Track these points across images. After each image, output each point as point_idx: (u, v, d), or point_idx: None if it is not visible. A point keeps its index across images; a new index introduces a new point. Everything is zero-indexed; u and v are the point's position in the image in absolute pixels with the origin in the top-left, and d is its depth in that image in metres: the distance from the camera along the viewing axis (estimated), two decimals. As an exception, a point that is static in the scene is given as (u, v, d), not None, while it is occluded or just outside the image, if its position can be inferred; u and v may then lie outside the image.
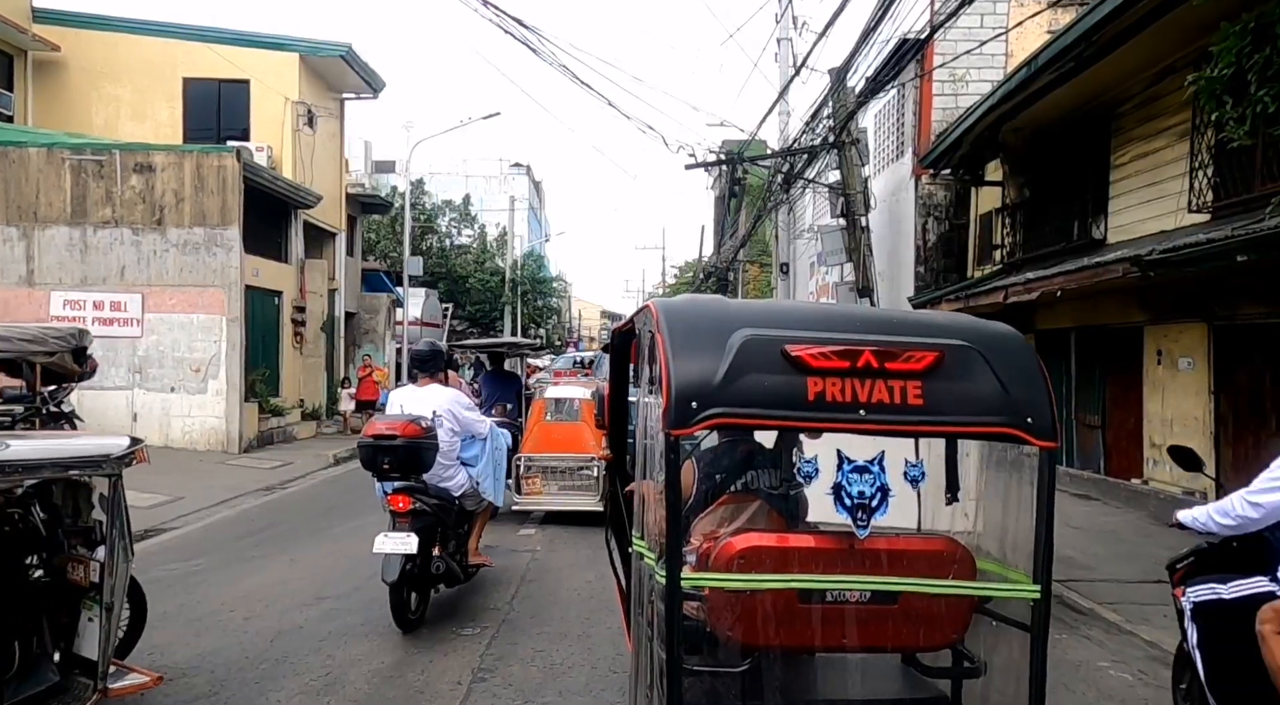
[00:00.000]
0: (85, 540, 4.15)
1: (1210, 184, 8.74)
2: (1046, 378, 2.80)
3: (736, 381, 2.56)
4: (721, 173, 26.16)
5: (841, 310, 3.65)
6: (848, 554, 2.73)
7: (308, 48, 19.42)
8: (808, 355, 2.57)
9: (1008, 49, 15.17)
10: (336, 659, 5.26)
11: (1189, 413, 9.38)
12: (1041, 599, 2.63)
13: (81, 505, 4.23)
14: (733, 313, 2.86)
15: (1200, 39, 8.34)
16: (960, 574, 2.77)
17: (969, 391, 2.65)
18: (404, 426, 5.62)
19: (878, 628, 2.79)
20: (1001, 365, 2.69)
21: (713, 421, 2.56)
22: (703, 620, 2.89)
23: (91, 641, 3.97)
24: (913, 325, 2.98)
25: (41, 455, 3.80)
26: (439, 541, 5.97)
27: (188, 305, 14.91)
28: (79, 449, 4.07)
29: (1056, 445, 2.69)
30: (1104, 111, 10.78)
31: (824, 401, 2.56)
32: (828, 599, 2.75)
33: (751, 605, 2.72)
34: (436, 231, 39.98)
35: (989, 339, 2.82)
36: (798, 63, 15.90)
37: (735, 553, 2.76)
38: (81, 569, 4.03)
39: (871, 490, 2.69)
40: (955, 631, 2.88)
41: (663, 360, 2.62)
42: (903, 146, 17.35)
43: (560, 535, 9.04)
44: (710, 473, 3.53)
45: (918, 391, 2.59)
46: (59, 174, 14.76)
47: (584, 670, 5.17)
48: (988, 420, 2.65)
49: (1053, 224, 12.05)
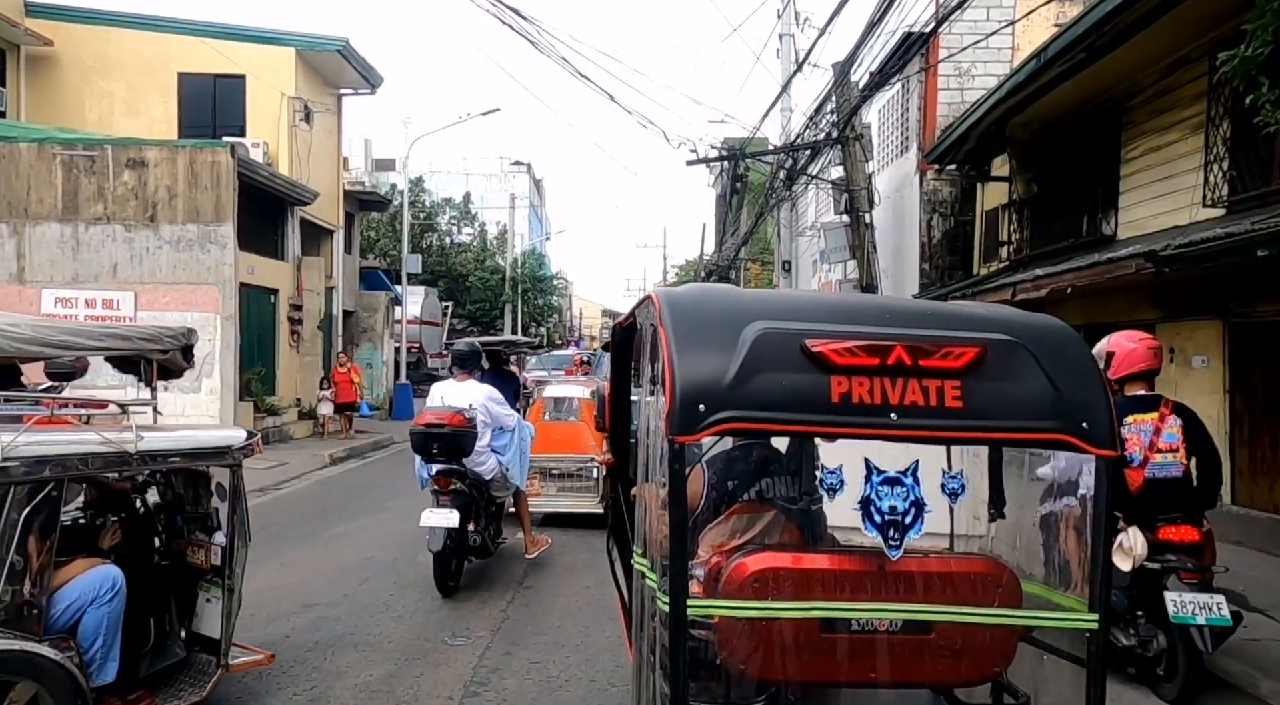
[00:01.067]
0: (203, 526, 4.43)
1: (1226, 177, 8.52)
2: (1104, 377, 2.50)
3: (750, 381, 2.28)
4: (723, 169, 25.98)
5: (868, 301, 3.31)
6: (877, 577, 2.44)
7: (304, 42, 19.19)
8: (831, 351, 2.29)
9: (1014, 42, 14.96)
10: (323, 671, 5.04)
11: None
12: (1099, 629, 2.33)
13: (201, 493, 4.47)
14: (746, 303, 2.57)
15: (1216, 29, 8.17)
16: (1005, 600, 2.46)
17: (1015, 393, 2.35)
18: (451, 417, 6.46)
19: (910, 660, 2.49)
20: (1052, 363, 2.39)
21: (722, 427, 2.28)
22: (712, 644, 2.58)
23: (210, 621, 4.31)
24: (949, 317, 2.66)
25: (174, 446, 4.10)
26: (474, 518, 6.77)
27: (181, 303, 14.66)
28: (205, 440, 4.32)
29: (1117, 454, 2.38)
30: (1115, 104, 10.55)
31: (850, 404, 2.28)
32: (854, 628, 2.47)
33: (767, 634, 2.43)
34: (436, 229, 39.80)
35: (1037, 333, 2.51)
36: (800, 59, 15.71)
37: (749, 575, 2.47)
38: (202, 553, 4.33)
39: (905, 505, 2.39)
40: (998, 664, 2.57)
41: (666, 357, 2.34)
42: (907, 142, 17.13)
43: (558, 539, 8.82)
44: (722, 479, 3.22)
45: (956, 392, 2.31)
46: (50, 169, 14.52)
47: (582, 683, 4.96)
48: (1037, 425, 2.35)
49: (1061, 220, 11.82)
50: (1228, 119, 8.40)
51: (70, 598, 3.70)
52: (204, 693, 4.15)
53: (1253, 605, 6.40)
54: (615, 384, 4.31)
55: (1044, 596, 2.62)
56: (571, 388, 11.37)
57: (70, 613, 3.70)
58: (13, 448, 3.36)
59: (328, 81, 20.97)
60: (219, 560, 4.27)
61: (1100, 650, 2.34)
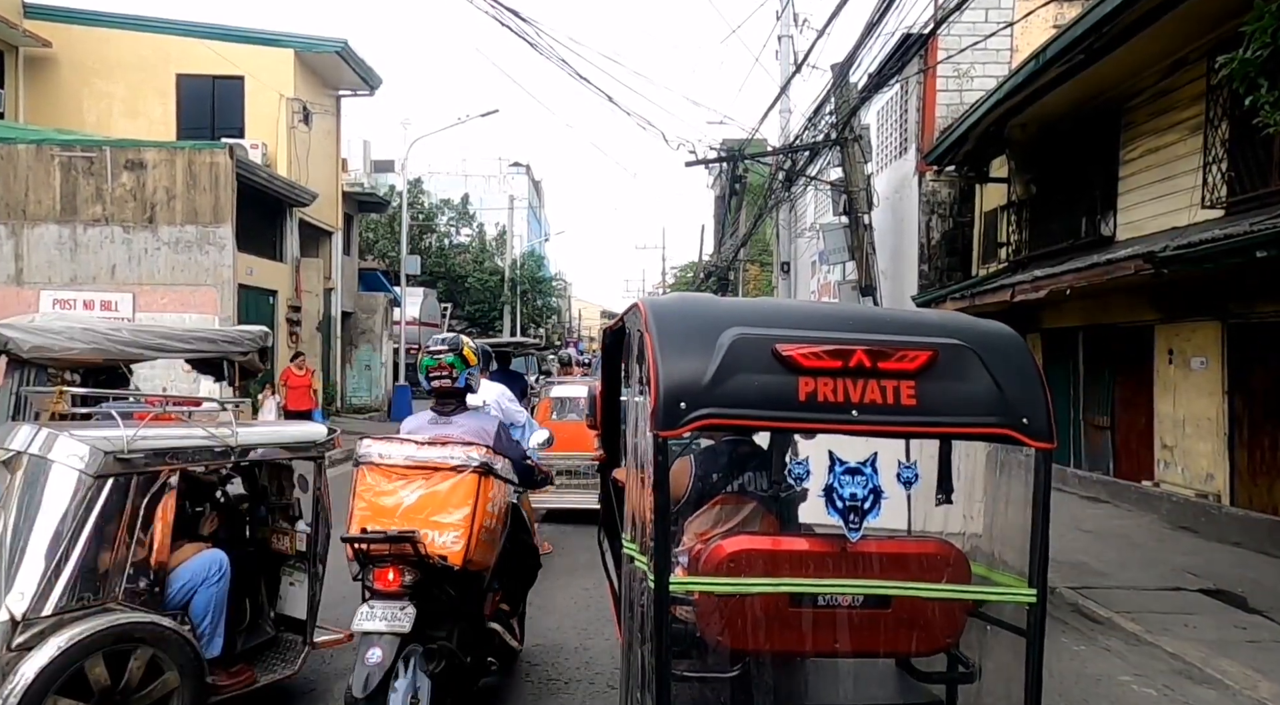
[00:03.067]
0: (285, 515, 4.73)
1: (1225, 179, 8.52)
2: (1043, 377, 2.75)
3: (726, 381, 2.52)
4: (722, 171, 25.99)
5: (834, 309, 3.65)
6: (839, 557, 2.70)
7: (303, 44, 19.19)
8: (799, 354, 2.54)
9: (1013, 44, 14.96)
10: (319, 674, 5.01)
11: (1201, 414, 9.15)
12: (1037, 603, 2.59)
13: (283, 484, 4.77)
14: (722, 311, 2.83)
15: (1215, 30, 8.18)
16: (954, 577, 2.73)
17: (963, 391, 2.61)
18: None
19: (870, 632, 2.75)
20: (997, 365, 2.65)
21: (702, 422, 2.52)
22: (692, 624, 2.87)
23: (293, 602, 4.62)
24: (906, 324, 2.95)
25: (266, 439, 4.42)
26: None
27: (180, 304, 14.65)
28: (292, 435, 4.65)
29: (1053, 446, 2.63)
30: (1113, 105, 10.55)
31: (815, 402, 2.53)
32: (819, 603, 2.71)
33: (741, 609, 2.69)
34: (435, 231, 39.76)
35: (984, 338, 2.79)
36: (799, 60, 15.70)
37: (725, 556, 2.72)
38: (286, 539, 4.64)
39: (864, 492, 2.66)
40: (949, 636, 2.84)
41: (651, 360, 2.58)
42: (906, 143, 17.13)
43: (558, 538, 8.81)
44: (707, 471, 3.47)
45: (911, 391, 2.56)
46: (48, 171, 14.52)
47: (581, 685, 4.94)
48: (982, 421, 2.62)
49: (1060, 221, 11.82)
50: (1226, 120, 8.41)
51: (184, 578, 4.05)
52: (295, 668, 4.46)
53: (1252, 606, 6.41)
54: (606, 384, 4.47)
55: (987, 575, 2.87)
56: (577, 387, 11.54)
57: (184, 592, 4.05)
58: (135, 441, 3.73)
59: (326, 83, 20.96)
60: (304, 546, 4.56)
61: (1039, 622, 2.58)
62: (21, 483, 3.69)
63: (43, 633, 3.42)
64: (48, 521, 3.57)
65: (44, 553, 3.52)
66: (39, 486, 3.64)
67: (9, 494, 3.67)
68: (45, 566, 3.50)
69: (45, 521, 3.58)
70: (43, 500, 3.61)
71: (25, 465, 3.71)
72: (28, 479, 3.68)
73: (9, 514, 3.62)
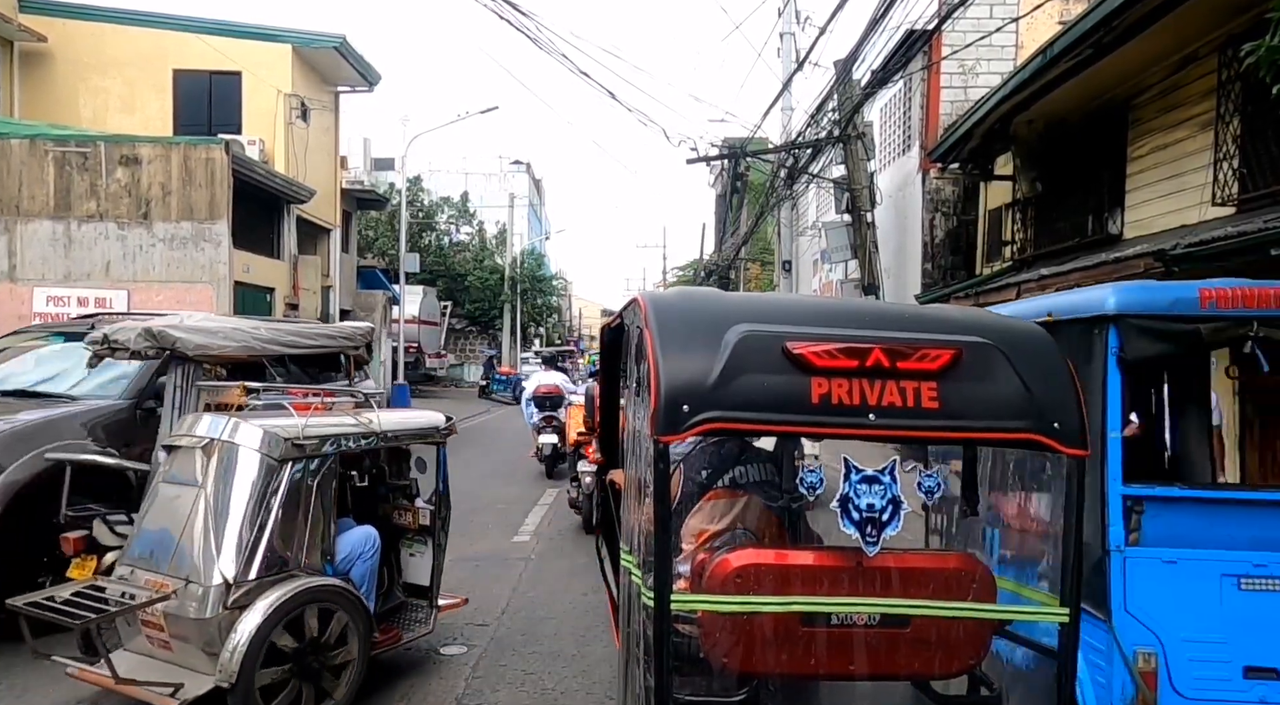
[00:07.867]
0: (405, 494, 5.31)
1: (1235, 175, 8.36)
2: (1076, 379, 2.53)
3: (732, 382, 2.33)
4: (723, 169, 25.84)
5: (848, 305, 3.46)
6: (855, 572, 2.49)
7: (301, 39, 19.02)
8: (811, 353, 2.34)
9: (1018, 40, 14.81)
10: (310, 682, 4.87)
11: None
12: (1070, 622, 2.42)
13: (403, 467, 5.34)
14: (729, 307, 2.62)
15: (1227, 24, 8.02)
16: (980, 594, 2.54)
17: (989, 394, 2.41)
18: (554, 388, 12.37)
19: (888, 653, 2.54)
20: (1025, 365, 2.45)
21: (706, 427, 2.32)
22: (695, 639, 2.65)
23: (415, 571, 5.21)
24: (927, 321, 2.71)
25: (400, 426, 4.92)
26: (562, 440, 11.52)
27: (175, 302, 14.43)
28: (419, 421, 5.13)
29: (1087, 453, 2.44)
30: (1121, 101, 10.39)
31: (829, 404, 2.34)
32: (833, 622, 2.51)
33: (749, 629, 2.49)
34: (435, 228, 39.58)
35: (1011, 336, 2.57)
36: (801, 57, 15.55)
37: (731, 571, 2.52)
38: (409, 515, 5.22)
39: (882, 503, 2.44)
40: (973, 657, 2.63)
41: (651, 359, 2.37)
42: (909, 140, 16.97)
43: (556, 542, 8.68)
44: (696, 469, 3.34)
45: (933, 393, 2.36)
46: (42, 166, 14.35)
47: (579, 696, 4.80)
48: (1010, 425, 2.41)
49: (1066, 219, 11.66)
50: (1238, 116, 8.25)
51: (344, 550, 4.61)
52: (429, 627, 5.09)
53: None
54: (604, 384, 4.30)
55: (1016, 591, 2.72)
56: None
57: (345, 563, 4.59)
58: (307, 429, 4.28)
59: (325, 79, 20.80)
60: (427, 521, 5.12)
61: (1071, 642, 2.41)
62: (216, 465, 4.19)
63: (249, 593, 3.94)
64: (240, 499, 4.10)
65: (242, 526, 4.05)
66: (231, 469, 4.17)
67: (205, 475, 4.18)
68: (243, 537, 4.03)
69: (239, 499, 4.10)
70: (235, 480, 4.14)
71: (219, 450, 4.22)
72: (222, 462, 4.19)
73: (207, 491, 4.14)
